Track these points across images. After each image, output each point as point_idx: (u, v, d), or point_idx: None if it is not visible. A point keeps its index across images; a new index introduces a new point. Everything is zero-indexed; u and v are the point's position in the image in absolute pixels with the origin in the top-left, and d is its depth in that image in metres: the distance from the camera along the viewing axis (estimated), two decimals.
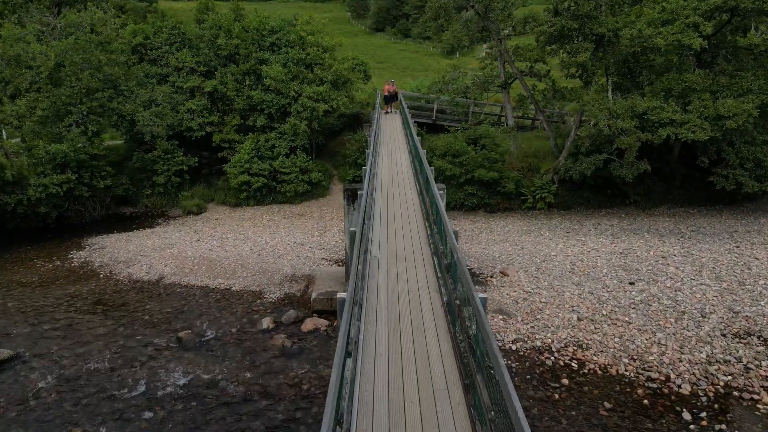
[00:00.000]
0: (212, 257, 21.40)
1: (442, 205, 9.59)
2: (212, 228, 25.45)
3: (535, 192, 26.58)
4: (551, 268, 19.74)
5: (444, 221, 8.57)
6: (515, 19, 25.87)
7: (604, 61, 23.30)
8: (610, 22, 22.27)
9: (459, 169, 26.60)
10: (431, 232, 10.50)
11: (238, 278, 19.63)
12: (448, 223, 8.34)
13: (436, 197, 9.69)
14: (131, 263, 21.43)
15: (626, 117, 21.69)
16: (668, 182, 26.55)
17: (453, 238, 7.57)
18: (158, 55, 29.58)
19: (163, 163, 28.26)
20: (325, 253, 21.99)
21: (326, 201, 29.32)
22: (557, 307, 16.74)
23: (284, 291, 18.70)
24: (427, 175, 11.60)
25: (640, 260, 20.08)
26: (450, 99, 30.32)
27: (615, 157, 23.52)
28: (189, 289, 19.10)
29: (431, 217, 10.97)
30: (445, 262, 8.50)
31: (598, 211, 26.68)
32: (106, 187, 26.86)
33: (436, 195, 9.74)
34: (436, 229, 9.95)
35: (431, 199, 10.96)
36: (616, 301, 17.00)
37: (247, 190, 28.29)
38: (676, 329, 15.34)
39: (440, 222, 9.08)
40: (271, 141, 28.85)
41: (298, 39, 29.59)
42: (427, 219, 11.55)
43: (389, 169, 17.90)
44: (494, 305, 17.09)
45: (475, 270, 20.12)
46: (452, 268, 7.54)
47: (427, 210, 11.76)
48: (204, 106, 28.81)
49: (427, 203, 11.90)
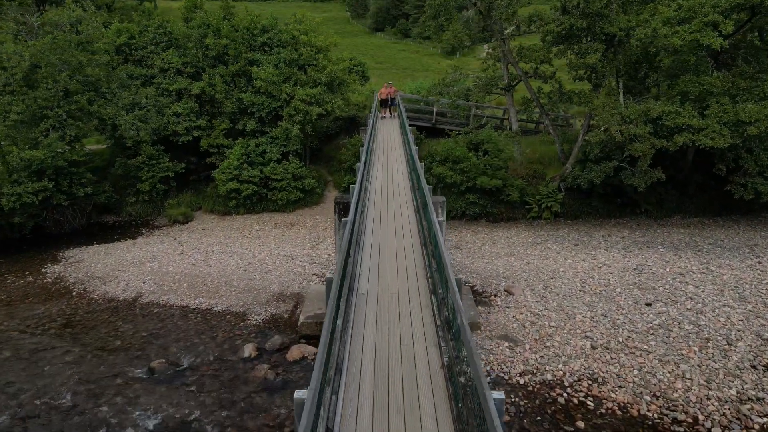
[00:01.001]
0: (195, 273, 19.90)
1: (442, 240, 8.09)
2: (198, 239, 23.96)
3: (541, 201, 25.10)
4: (560, 286, 18.25)
5: (444, 264, 7.09)
6: (519, 18, 24.35)
7: (615, 63, 21.81)
8: (622, 20, 20.78)
9: (460, 177, 25.12)
10: (429, 263, 9.04)
11: (221, 297, 18.15)
12: (449, 268, 6.83)
13: (436, 230, 8.16)
14: (108, 279, 19.95)
15: (639, 122, 20.21)
16: (681, 191, 25.05)
17: (457, 295, 6.03)
18: (143, 56, 28.10)
19: (148, 170, 26.78)
20: (316, 268, 20.50)
21: (320, 209, 27.83)
22: (568, 332, 15.26)
23: (270, 312, 17.22)
24: (426, 198, 10.04)
25: (655, 278, 18.59)
26: (451, 102, 28.83)
27: (626, 165, 22.04)
28: (167, 310, 17.62)
29: (429, 245, 9.52)
30: (446, 313, 7.02)
31: (607, 221, 25.18)
32: (87, 195, 25.37)
33: (435, 227, 8.22)
34: (435, 265, 8.48)
35: (429, 227, 9.50)
36: (632, 326, 15.52)
37: (236, 197, 26.81)
38: (701, 360, 13.86)
39: (440, 263, 7.61)
40: (261, 146, 27.37)
41: (290, 39, 28.10)
42: (425, 246, 10.07)
43: (384, 182, 16.37)
44: (499, 329, 15.61)
45: (478, 288, 18.63)
46: (454, 328, 6.03)
47: (425, 236, 10.28)
48: (191, 110, 27.32)
49: (425, 228, 10.42)
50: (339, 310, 6.85)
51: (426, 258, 9.43)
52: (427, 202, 10.18)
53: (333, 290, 6.60)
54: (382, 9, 78.52)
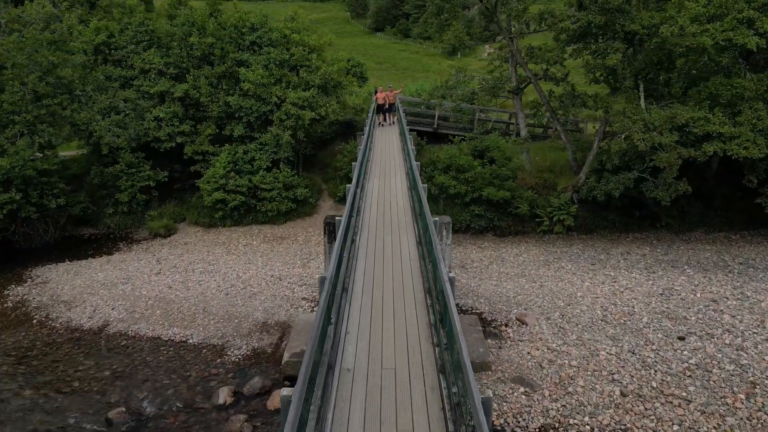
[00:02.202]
0: (170, 297, 17.89)
1: (452, 300, 6.07)
2: (178, 256, 21.95)
3: (552, 213, 23.09)
4: (578, 314, 16.25)
5: (457, 343, 5.10)
6: (529, 16, 22.34)
7: (636, 64, 19.82)
8: (645, 17, 18.79)
9: (464, 187, 23.11)
10: (436, 324, 7.03)
11: (198, 327, 16.14)
12: (465, 351, 4.84)
13: (447, 295, 6.06)
14: (74, 304, 17.94)
15: (665, 129, 18.21)
16: (706, 203, 23.05)
17: (474, 392, 4.02)
18: (123, 56, 26.09)
19: (127, 179, 24.76)
20: (306, 290, 18.50)
21: (313, 221, 25.81)
22: (593, 374, 13.26)
23: (252, 345, 15.22)
24: (431, 235, 7.92)
25: (685, 305, 16.59)
26: (454, 105, 26.82)
27: (648, 176, 20.04)
28: (136, 342, 15.62)
29: (434, 291, 7.55)
30: (456, 399, 5.03)
31: (624, 235, 23.17)
32: (59, 207, 23.35)
33: (447, 291, 6.14)
34: (443, 330, 6.47)
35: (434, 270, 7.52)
36: (665, 366, 13.52)
37: (222, 209, 24.80)
38: (749, 411, 11.88)
39: (452, 340, 5.62)
40: (250, 153, 25.36)
41: (281, 38, 26.09)
42: (429, 293, 8.06)
43: (381, 200, 14.32)
44: (512, 370, 13.61)
45: (486, 315, 16.64)
46: None
47: (430, 283, 8.27)
48: (174, 114, 25.31)
49: (429, 269, 8.40)
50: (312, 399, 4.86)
51: (431, 314, 7.43)
52: (432, 237, 8.16)
53: (302, 378, 4.63)
54: (382, 9, 76.91)
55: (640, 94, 20.24)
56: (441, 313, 6.73)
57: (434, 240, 7.68)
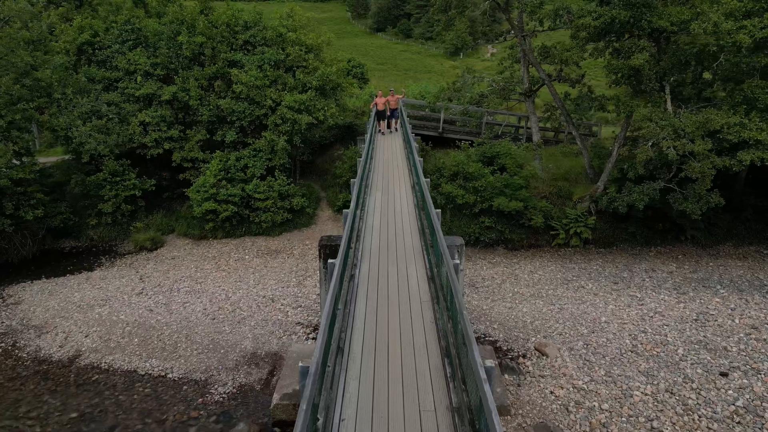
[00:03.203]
0: (151, 323, 16.18)
1: (479, 363, 4.41)
2: (164, 272, 20.26)
3: (568, 225, 21.37)
4: (605, 343, 14.54)
5: None
6: (543, 12, 20.62)
7: (662, 64, 18.11)
8: (674, 13, 17.07)
9: (473, 197, 21.43)
10: (454, 378, 5.30)
11: (179, 359, 14.44)
12: None
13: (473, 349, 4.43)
14: (45, 330, 16.26)
15: (697, 136, 16.48)
16: (734, 215, 21.33)
17: None
18: (108, 56, 24.39)
19: (111, 188, 23.07)
20: (301, 313, 16.81)
21: (311, 232, 24.12)
22: (628, 420, 11.55)
23: (239, 381, 13.53)
24: (454, 295, 6.06)
25: (723, 332, 14.86)
26: (462, 109, 25.10)
27: (675, 186, 18.31)
28: (109, 377, 13.92)
29: (452, 341, 5.86)
30: None
31: (646, 249, 21.44)
32: (38, 219, 21.67)
33: (480, 382, 4.44)
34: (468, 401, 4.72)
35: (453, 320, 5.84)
36: (710, 409, 11.82)
37: (213, 220, 23.11)
38: None
39: None
40: (243, 160, 23.67)
41: (276, 37, 24.39)
42: (447, 357, 6.32)
43: (384, 220, 12.58)
44: (534, 414, 11.91)
45: (502, 344, 14.94)
46: None
47: (447, 341, 6.52)
48: (161, 118, 23.60)
49: (445, 315, 6.65)
50: None
51: (446, 365, 5.65)
52: (452, 279, 6.43)
53: None
54: (383, 9, 75.50)
55: (666, 97, 18.52)
56: (471, 409, 4.99)
57: (458, 301, 5.84)
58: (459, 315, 5.67)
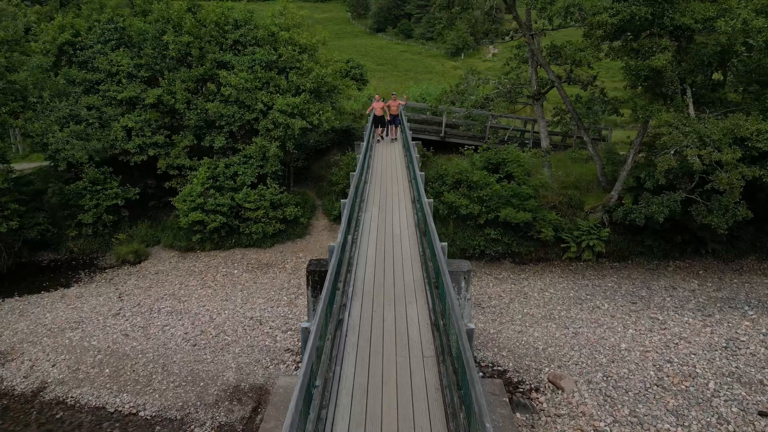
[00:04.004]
0: (125, 350, 14.74)
1: None
2: (145, 289, 18.83)
3: (580, 238, 19.92)
4: (627, 375, 13.09)
5: None
6: (553, 9, 19.19)
7: (684, 65, 16.67)
8: (698, 9, 15.63)
9: (478, 207, 20.02)
10: None
11: (153, 393, 13.00)
12: None
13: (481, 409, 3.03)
14: (10, 356, 14.83)
15: (724, 144, 15.04)
16: (758, 226, 19.87)
17: None
18: (90, 56, 22.96)
19: (91, 197, 21.65)
20: (291, 338, 15.37)
21: (305, 243, 22.69)
22: None
23: (218, 420, 12.09)
24: (464, 355, 4.69)
25: (757, 362, 13.42)
26: (467, 112, 23.66)
27: (698, 197, 16.86)
28: (75, 414, 12.49)
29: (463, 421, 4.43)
30: None
31: (664, 264, 19.98)
32: (12, 230, 20.25)
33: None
34: None
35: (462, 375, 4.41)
36: None
37: (201, 231, 21.68)
38: None
39: None
40: (232, 167, 22.23)
41: (268, 36, 22.96)
42: (454, 421, 4.86)
43: (381, 249, 10.99)
44: None
45: (512, 375, 13.51)
46: None
47: (453, 401, 5.03)
48: (145, 123, 22.17)
49: (462, 418, 5.14)
50: None
51: None
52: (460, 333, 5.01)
53: None
54: (384, 9, 74.21)
55: (688, 101, 17.08)
56: None
57: (472, 379, 4.43)
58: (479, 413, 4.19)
